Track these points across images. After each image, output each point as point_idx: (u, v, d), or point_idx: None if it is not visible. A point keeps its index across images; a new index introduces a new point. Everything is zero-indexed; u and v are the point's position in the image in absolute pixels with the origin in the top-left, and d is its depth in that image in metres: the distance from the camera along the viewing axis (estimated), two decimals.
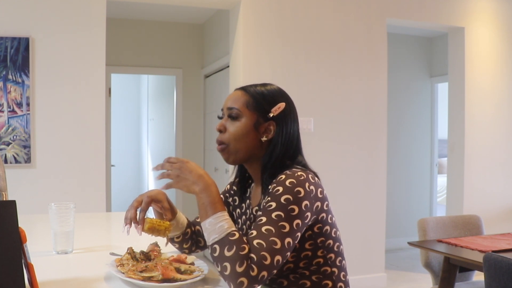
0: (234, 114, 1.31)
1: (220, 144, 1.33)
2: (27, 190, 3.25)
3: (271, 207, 1.16)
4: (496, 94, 4.52)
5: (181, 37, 5.34)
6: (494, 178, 4.52)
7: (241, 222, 1.43)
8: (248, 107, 1.31)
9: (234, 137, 1.30)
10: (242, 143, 1.30)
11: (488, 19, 4.47)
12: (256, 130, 1.31)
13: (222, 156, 1.35)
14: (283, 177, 1.21)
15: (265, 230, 1.12)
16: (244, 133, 1.30)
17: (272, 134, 1.31)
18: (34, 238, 1.60)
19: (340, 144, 4.01)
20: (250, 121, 1.30)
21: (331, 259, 1.29)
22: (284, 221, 1.14)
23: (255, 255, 1.08)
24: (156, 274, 1.17)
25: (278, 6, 3.84)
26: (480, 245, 2.46)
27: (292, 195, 1.17)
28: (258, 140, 1.31)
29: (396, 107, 5.56)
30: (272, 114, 1.31)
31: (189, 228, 1.48)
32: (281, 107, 1.32)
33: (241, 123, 1.30)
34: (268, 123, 1.31)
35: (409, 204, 5.72)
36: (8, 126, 3.24)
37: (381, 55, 4.12)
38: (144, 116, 7.32)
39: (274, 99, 1.33)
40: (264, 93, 1.33)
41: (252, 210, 1.37)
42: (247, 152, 1.32)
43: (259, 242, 1.10)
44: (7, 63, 3.23)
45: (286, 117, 1.33)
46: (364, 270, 4.06)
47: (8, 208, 0.99)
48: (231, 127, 1.31)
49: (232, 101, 1.33)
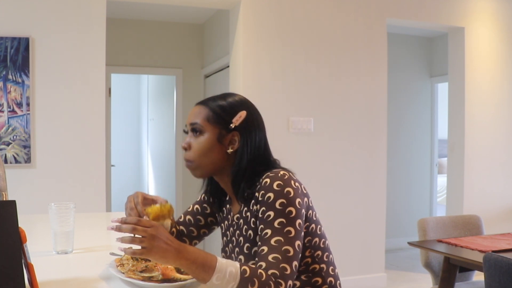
0: (197, 129, 1.30)
1: (187, 161, 1.33)
2: (27, 190, 3.25)
3: (270, 217, 1.17)
4: (496, 94, 4.51)
5: (181, 37, 5.34)
6: (494, 178, 4.52)
7: (225, 227, 1.42)
8: (209, 121, 1.30)
9: (199, 154, 1.30)
10: (208, 158, 1.30)
11: (488, 19, 4.47)
12: (220, 143, 1.30)
13: (192, 172, 1.34)
14: (268, 181, 1.21)
15: (274, 242, 1.14)
16: (208, 147, 1.29)
17: (237, 144, 1.30)
18: (34, 238, 1.60)
19: (340, 144, 4.01)
20: (212, 135, 1.29)
21: (319, 256, 1.30)
22: (287, 226, 1.16)
23: (276, 270, 1.11)
24: (156, 274, 1.17)
25: (278, 6, 3.83)
26: (480, 245, 2.46)
27: (284, 197, 1.18)
28: (223, 152, 1.30)
29: (396, 107, 5.56)
30: (233, 125, 1.29)
31: (174, 228, 1.48)
32: (242, 115, 1.30)
33: (204, 138, 1.29)
34: (232, 134, 1.30)
35: (409, 204, 5.72)
36: (8, 126, 3.24)
37: (381, 55, 4.12)
38: (144, 116, 7.32)
39: (234, 110, 1.31)
40: (223, 105, 1.31)
41: (234, 218, 1.36)
42: (213, 165, 1.31)
43: (274, 256, 1.13)
44: (7, 63, 3.23)
45: (249, 126, 1.31)
46: (364, 270, 4.05)
47: (8, 208, 0.99)
48: (195, 144, 1.31)
49: (193, 117, 1.32)
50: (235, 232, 1.35)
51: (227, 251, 1.40)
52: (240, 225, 1.32)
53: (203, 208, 1.50)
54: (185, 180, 5.39)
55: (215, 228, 1.53)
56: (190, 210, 1.52)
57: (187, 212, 1.52)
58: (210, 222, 1.50)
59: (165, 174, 6.01)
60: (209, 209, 1.49)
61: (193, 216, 1.50)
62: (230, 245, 1.38)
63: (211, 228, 1.52)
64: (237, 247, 1.33)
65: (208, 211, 1.49)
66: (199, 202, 1.52)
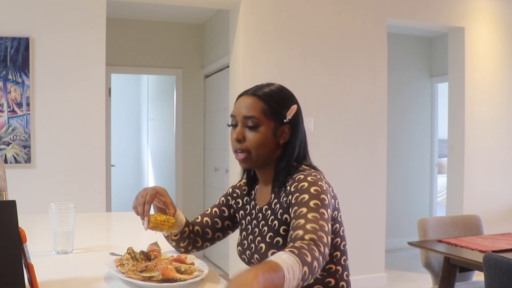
0: (253, 123, 1.32)
1: (241, 153, 1.34)
2: (27, 190, 3.25)
3: (305, 199, 1.20)
4: (496, 94, 4.51)
5: (181, 37, 5.34)
6: (494, 178, 4.52)
7: (246, 223, 1.46)
8: (265, 114, 1.32)
9: (256, 145, 1.32)
10: (264, 150, 1.33)
11: (488, 19, 4.47)
12: (275, 135, 1.34)
13: (242, 163, 1.37)
14: (301, 177, 1.26)
15: (311, 217, 1.15)
16: (265, 140, 1.32)
17: (288, 136, 1.35)
18: (34, 238, 1.60)
19: (340, 144, 4.01)
20: (269, 129, 1.33)
21: (337, 257, 1.32)
22: (322, 208, 1.19)
23: (314, 235, 1.10)
24: (156, 274, 1.17)
25: (278, 6, 3.83)
26: (480, 245, 2.46)
27: (318, 187, 1.23)
28: (276, 144, 1.35)
29: (396, 107, 5.56)
30: (288, 118, 1.34)
31: (187, 227, 1.48)
32: (293, 109, 1.35)
33: (262, 131, 1.32)
34: (284, 126, 1.35)
35: (409, 204, 5.72)
36: (8, 126, 3.24)
37: (381, 55, 4.12)
38: (144, 116, 7.32)
39: (287, 104, 1.36)
40: (277, 98, 1.35)
41: (262, 209, 1.40)
42: (267, 157, 1.35)
43: (312, 225, 1.13)
44: (7, 63, 3.23)
45: (298, 118, 1.37)
46: (364, 270, 4.05)
47: (8, 208, 0.99)
48: (251, 136, 1.32)
49: (248, 109, 1.33)
50: (259, 223, 1.38)
51: (245, 243, 1.42)
52: (267, 215, 1.36)
53: (221, 211, 1.52)
54: (185, 180, 5.39)
55: (229, 233, 1.55)
56: (208, 213, 1.54)
57: (204, 214, 1.54)
58: (226, 226, 1.52)
59: (165, 174, 6.01)
60: (227, 212, 1.52)
61: (211, 218, 1.52)
62: (250, 237, 1.41)
63: (225, 232, 1.54)
64: (259, 236, 1.36)
65: (226, 214, 1.52)
66: (217, 205, 1.54)
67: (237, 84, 3.82)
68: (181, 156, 5.38)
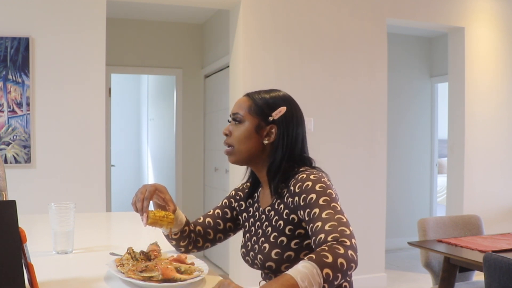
0: (238, 119, 1.40)
1: (227, 147, 1.42)
2: (27, 190, 3.25)
3: (313, 199, 1.22)
4: (496, 94, 4.51)
5: (181, 37, 5.34)
6: (494, 178, 4.52)
7: (249, 225, 1.47)
8: (250, 112, 1.39)
9: (237, 140, 1.39)
10: (245, 145, 1.39)
11: (488, 19, 4.47)
12: (257, 133, 1.38)
13: (228, 157, 1.43)
14: (304, 176, 1.29)
15: (325, 215, 1.17)
16: (246, 135, 1.38)
17: (274, 137, 1.38)
18: (34, 238, 1.60)
19: (340, 144, 4.01)
20: (251, 125, 1.38)
21: None
22: (332, 202, 1.21)
23: (336, 233, 1.12)
24: (156, 274, 1.17)
25: (278, 6, 3.83)
26: (480, 245, 2.45)
27: (323, 183, 1.26)
28: (260, 143, 1.39)
29: (396, 107, 5.56)
30: (272, 118, 1.37)
31: (187, 226, 1.48)
32: (282, 111, 1.38)
33: (244, 127, 1.39)
34: (270, 126, 1.38)
35: (409, 204, 5.72)
36: (8, 126, 3.24)
37: (381, 55, 4.12)
38: (144, 116, 7.32)
39: (276, 104, 1.40)
40: (266, 98, 1.40)
41: (265, 210, 1.41)
42: (249, 153, 1.39)
43: (330, 224, 1.15)
44: (7, 63, 3.23)
45: (288, 121, 1.39)
46: (364, 270, 4.05)
47: (8, 208, 0.99)
48: (235, 131, 1.40)
49: (237, 107, 1.42)
50: (263, 224, 1.40)
51: (249, 245, 1.43)
52: (271, 216, 1.37)
53: (224, 213, 1.54)
54: (185, 180, 5.39)
55: (230, 235, 1.56)
56: (210, 214, 1.55)
57: (207, 215, 1.55)
58: (228, 228, 1.54)
59: (165, 174, 6.01)
60: (229, 214, 1.54)
61: (213, 219, 1.53)
62: (254, 238, 1.42)
63: (227, 234, 1.55)
64: (263, 237, 1.37)
65: (228, 216, 1.53)
66: (220, 207, 1.56)
67: (237, 84, 3.82)
68: (181, 156, 5.38)
